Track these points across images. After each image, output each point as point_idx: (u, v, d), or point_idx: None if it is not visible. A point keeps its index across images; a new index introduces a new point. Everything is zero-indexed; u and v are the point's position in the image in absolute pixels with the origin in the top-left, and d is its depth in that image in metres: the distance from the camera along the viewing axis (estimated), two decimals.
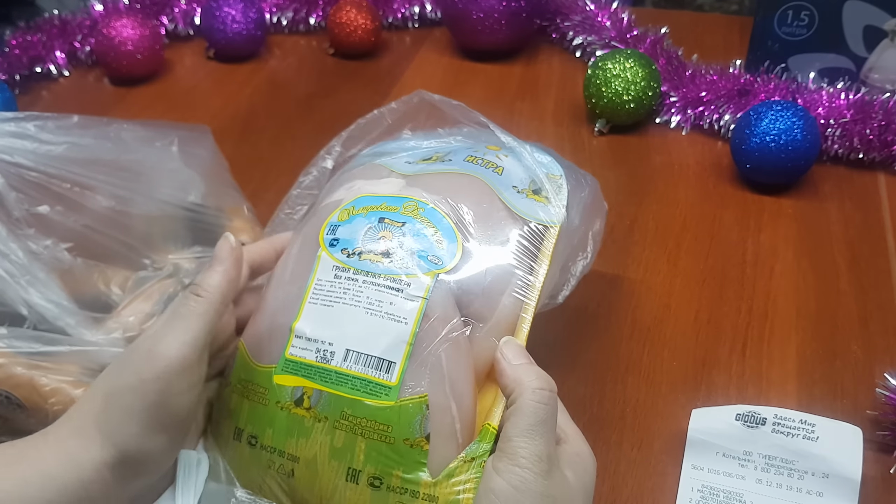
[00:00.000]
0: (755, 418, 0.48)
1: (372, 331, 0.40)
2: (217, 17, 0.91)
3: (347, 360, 0.40)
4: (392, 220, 0.43)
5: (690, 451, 0.50)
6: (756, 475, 0.48)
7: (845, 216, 0.69)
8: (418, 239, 0.43)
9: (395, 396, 0.39)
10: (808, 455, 0.47)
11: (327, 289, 0.42)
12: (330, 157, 0.54)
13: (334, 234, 0.44)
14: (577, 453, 0.40)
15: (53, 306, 0.50)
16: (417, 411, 0.38)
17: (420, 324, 0.40)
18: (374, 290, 0.41)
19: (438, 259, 0.42)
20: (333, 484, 0.39)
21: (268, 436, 0.40)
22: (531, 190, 0.47)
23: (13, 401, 0.47)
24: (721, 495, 0.48)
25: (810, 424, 0.48)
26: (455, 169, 0.47)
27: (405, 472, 0.38)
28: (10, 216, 0.52)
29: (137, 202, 0.57)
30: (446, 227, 0.43)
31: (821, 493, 0.47)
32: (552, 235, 0.45)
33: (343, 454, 0.39)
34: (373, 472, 0.38)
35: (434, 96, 0.54)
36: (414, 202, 0.44)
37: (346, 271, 0.42)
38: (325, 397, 0.39)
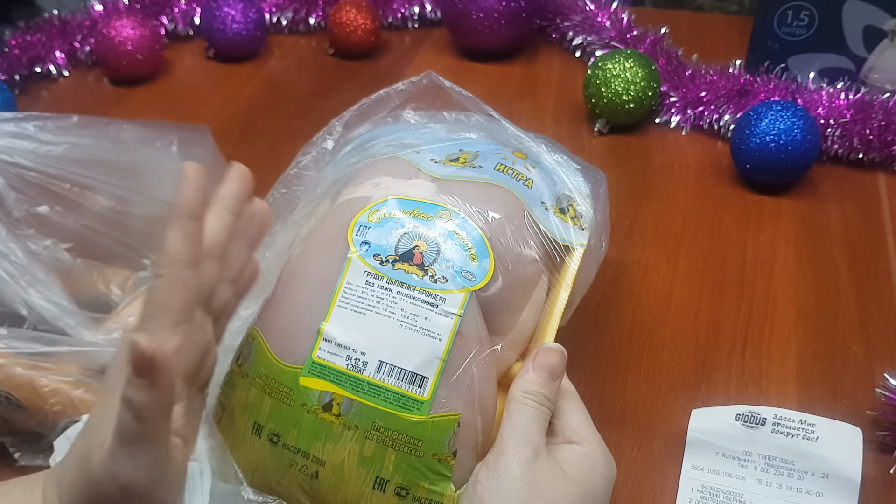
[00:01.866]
0: (755, 418, 0.48)
1: (406, 345, 0.40)
2: (217, 18, 0.91)
3: (381, 371, 0.40)
4: (426, 230, 0.43)
5: (690, 452, 0.50)
6: (756, 475, 0.48)
7: (845, 216, 0.69)
8: (453, 252, 0.43)
9: (426, 412, 0.40)
10: (808, 455, 0.47)
11: (358, 294, 0.42)
12: (330, 138, 0.54)
13: (364, 237, 0.43)
14: (585, 454, 0.40)
15: (53, 307, 0.50)
16: (449, 428, 0.40)
17: (454, 341, 0.41)
18: (408, 302, 0.41)
19: (472, 275, 0.42)
20: (360, 490, 0.39)
21: (292, 436, 0.41)
22: (558, 208, 0.48)
23: (13, 401, 0.47)
24: (721, 495, 0.48)
25: (810, 425, 0.48)
26: (486, 178, 0.47)
27: (431, 485, 0.39)
28: (9, 216, 0.52)
29: (137, 202, 0.57)
30: (479, 241, 0.43)
31: (820, 493, 0.47)
32: (577, 257, 0.47)
33: (372, 463, 0.39)
34: (400, 482, 0.39)
35: (444, 81, 0.53)
36: (448, 212, 0.44)
37: (380, 279, 0.42)
38: (357, 406, 0.40)
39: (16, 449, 0.49)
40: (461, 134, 0.53)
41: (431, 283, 0.42)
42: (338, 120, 0.54)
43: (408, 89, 0.54)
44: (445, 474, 0.39)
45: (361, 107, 0.54)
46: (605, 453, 0.41)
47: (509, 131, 0.51)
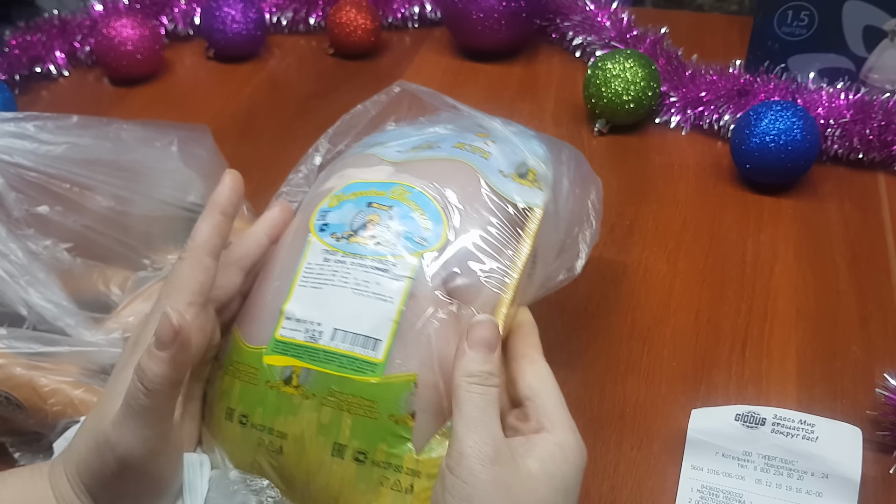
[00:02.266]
0: (755, 418, 0.48)
1: (359, 310, 0.41)
2: (217, 18, 0.91)
3: (335, 338, 0.40)
4: (380, 204, 0.44)
5: (690, 452, 0.50)
6: (755, 475, 0.48)
7: (845, 216, 0.69)
8: (405, 221, 0.43)
9: (381, 373, 0.39)
10: (808, 455, 0.47)
11: (317, 272, 0.43)
12: (318, 154, 0.55)
13: (324, 220, 0.45)
14: (558, 443, 0.39)
15: (53, 307, 0.50)
16: (404, 388, 0.39)
17: (406, 302, 0.41)
18: (361, 271, 0.42)
19: (424, 240, 0.43)
20: (319, 459, 0.39)
21: (258, 414, 0.41)
22: (517, 174, 0.48)
23: (13, 401, 0.47)
24: (721, 495, 0.48)
25: (810, 425, 0.48)
26: (443, 155, 0.48)
27: (390, 447, 0.38)
28: (9, 216, 0.52)
29: (137, 202, 0.57)
30: (433, 209, 0.44)
31: (820, 493, 0.47)
32: (536, 217, 0.46)
33: (329, 430, 0.39)
34: (358, 447, 0.39)
35: (412, 85, 0.54)
36: (401, 186, 0.45)
37: (335, 254, 0.43)
38: (313, 375, 0.40)
39: (16, 449, 0.49)
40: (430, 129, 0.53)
41: (383, 251, 0.42)
42: (324, 137, 0.55)
43: (382, 100, 0.55)
44: (404, 436, 0.38)
45: (343, 122, 0.56)
46: (578, 440, 0.40)
47: (465, 113, 0.52)
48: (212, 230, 0.43)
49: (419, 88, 0.54)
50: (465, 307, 0.42)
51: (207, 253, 0.42)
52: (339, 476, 0.39)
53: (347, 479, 0.38)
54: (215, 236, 0.43)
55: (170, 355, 0.36)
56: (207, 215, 0.43)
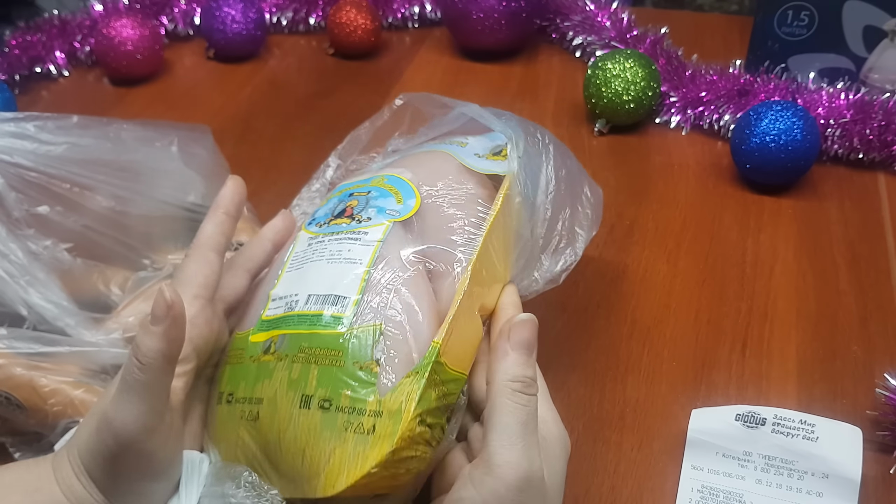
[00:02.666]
0: (755, 418, 0.48)
1: (332, 276, 0.43)
2: (217, 18, 0.91)
3: (308, 302, 0.42)
4: (359, 192, 0.47)
5: (690, 452, 0.50)
6: (756, 475, 0.48)
7: (845, 216, 0.69)
8: (380, 200, 0.46)
9: (347, 325, 0.40)
10: (808, 455, 0.47)
11: (301, 257, 0.45)
12: (330, 169, 0.57)
13: (313, 217, 0.48)
14: (545, 437, 0.39)
15: (53, 307, 0.50)
16: (369, 337, 0.40)
17: (374, 262, 0.42)
18: (335, 243, 0.44)
19: (396, 211, 0.45)
20: (289, 413, 0.39)
21: (241, 388, 0.42)
22: (491, 153, 0.50)
23: (13, 401, 0.47)
24: (721, 495, 0.48)
25: (810, 425, 0.48)
26: (423, 149, 0.52)
27: (354, 392, 0.39)
28: (9, 216, 0.52)
29: (137, 202, 0.57)
30: (406, 187, 0.46)
31: (820, 493, 0.47)
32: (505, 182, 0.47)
33: (298, 384, 0.40)
34: (323, 395, 0.39)
35: (414, 95, 0.56)
36: (381, 176, 0.48)
37: (316, 238, 0.46)
38: (287, 338, 0.41)
39: (16, 449, 0.49)
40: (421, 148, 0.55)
41: (357, 224, 0.45)
42: (334, 153, 0.58)
43: (386, 114, 0.57)
44: (369, 381, 0.39)
45: (351, 138, 0.58)
46: (561, 431, 0.40)
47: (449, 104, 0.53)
48: (215, 228, 0.46)
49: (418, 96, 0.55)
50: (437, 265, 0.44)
51: (211, 249, 0.45)
52: (306, 426, 0.39)
53: (313, 428, 0.38)
54: (219, 234, 0.46)
55: (163, 330, 0.37)
56: (211, 215, 0.46)
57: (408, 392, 0.38)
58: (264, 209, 0.61)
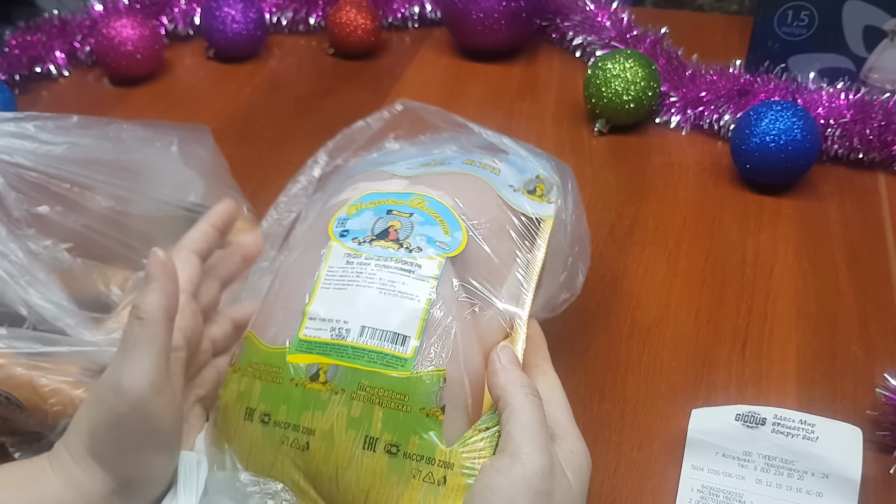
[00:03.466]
0: (755, 418, 0.48)
1: (386, 308, 0.42)
2: (217, 17, 0.91)
3: (363, 335, 0.41)
4: (400, 212, 0.46)
5: (690, 452, 0.50)
6: (756, 475, 0.48)
7: (845, 216, 0.69)
8: (426, 227, 0.45)
9: (411, 367, 0.40)
10: (808, 455, 0.47)
11: (339, 274, 0.43)
12: (318, 166, 0.56)
13: (344, 227, 0.46)
14: (572, 450, 0.40)
15: (53, 307, 0.50)
16: (435, 383, 0.40)
17: (432, 302, 0.42)
18: (386, 272, 0.43)
19: (446, 245, 0.44)
20: (350, 453, 0.39)
21: (282, 412, 0.41)
22: (525, 189, 0.50)
23: (13, 401, 0.47)
24: (721, 495, 0.48)
25: (810, 424, 0.48)
26: (455, 169, 0.50)
27: (422, 440, 0.39)
28: (9, 216, 0.52)
29: (137, 202, 0.57)
30: (451, 216, 0.45)
31: (820, 493, 0.47)
32: (547, 227, 0.48)
33: (360, 423, 0.39)
34: (390, 439, 0.39)
35: (415, 104, 0.55)
36: (419, 196, 0.47)
37: (358, 257, 0.44)
38: (342, 371, 0.40)
39: (16, 449, 0.49)
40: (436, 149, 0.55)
41: (407, 253, 0.44)
42: (323, 149, 0.57)
43: (384, 117, 0.56)
44: (435, 429, 0.39)
45: (343, 136, 0.57)
46: (585, 448, 0.41)
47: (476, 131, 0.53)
48: (199, 235, 0.48)
49: (424, 107, 0.55)
50: (485, 311, 0.44)
51: (192, 251, 0.47)
52: (371, 469, 0.39)
53: (379, 471, 0.39)
54: (201, 241, 0.48)
55: (160, 285, 0.39)
56: (198, 225, 0.48)
57: (479, 449, 0.39)
58: (264, 209, 0.61)
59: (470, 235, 0.45)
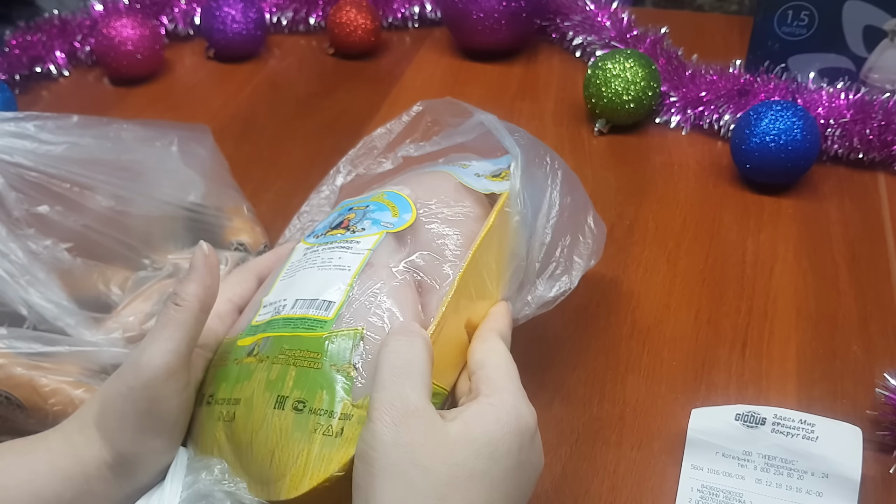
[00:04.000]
0: (755, 418, 0.48)
1: (320, 281, 0.43)
2: (217, 17, 0.91)
3: (294, 306, 0.42)
4: (358, 206, 0.48)
5: (690, 451, 0.50)
6: (756, 475, 0.48)
7: (845, 216, 0.69)
8: (376, 213, 0.46)
9: (329, 328, 0.40)
10: (808, 455, 0.47)
11: (295, 266, 0.46)
12: (340, 175, 0.57)
13: (313, 230, 0.49)
14: (491, 404, 0.37)
15: (53, 306, 0.50)
16: (350, 340, 0.40)
17: (363, 269, 0.42)
18: (328, 251, 0.45)
19: (390, 224, 0.45)
20: (263, 414, 0.39)
21: (221, 389, 0.42)
22: (491, 175, 0.51)
23: (13, 401, 0.47)
24: (721, 495, 0.48)
25: (810, 424, 0.48)
26: (427, 170, 0.52)
27: (328, 394, 0.38)
28: (9, 216, 0.52)
29: (137, 202, 0.57)
30: (404, 202, 0.47)
31: (820, 493, 0.47)
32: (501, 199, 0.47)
33: (275, 385, 0.40)
34: (298, 396, 0.39)
35: (433, 101, 0.55)
36: (381, 192, 0.49)
37: (312, 248, 0.46)
38: (270, 341, 0.42)
39: None
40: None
41: (350, 234, 0.45)
42: (345, 159, 0.57)
43: (404, 120, 0.56)
44: (344, 384, 0.38)
45: (364, 144, 0.57)
46: (516, 404, 0.37)
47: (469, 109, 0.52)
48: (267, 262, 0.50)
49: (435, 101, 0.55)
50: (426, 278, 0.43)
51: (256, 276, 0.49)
52: (278, 427, 0.38)
53: (285, 429, 0.38)
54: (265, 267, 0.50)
55: (200, 276, 0.41)
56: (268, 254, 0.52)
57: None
58: (264, 209, 0.61)
59: (420, 217, 0.46)
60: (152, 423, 0.39)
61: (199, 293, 0.40)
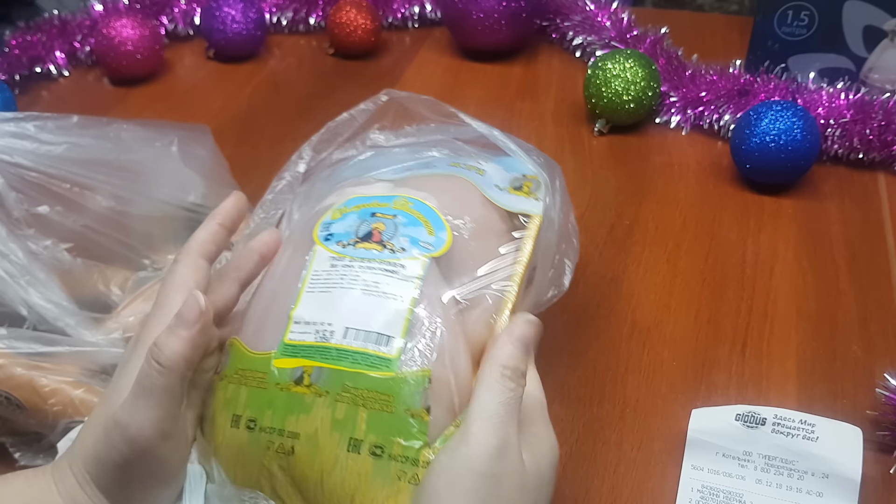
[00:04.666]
0: (755, 418, 0.48)
1: (370, 309, 0.41)
2: (217, 17, 0.91)
3: (347, 337, 0.41)
4: (384, 214, 0.46)
5: (690, 452, 0.50)
6: (756, 475, 0.48)
7: (845, 216, 0.69)
8: (410, 228, 0.45)
9: (395, 368, 0.39)
10: (808, 455, 0.47)
11: (324, 278, 0.43)
12: (302, 162, 0.55)
13: (328, 231, 0.46)
14: (535, 434, 0.39)
15: (53, 307, 0.50)
16: (420, 383, 0.39)
17: (416, 302, 0.41)
18: (370, 273, 0.43)
19: (430, 245, 0.44)
20: (335, 456, 0.39)
21: (267, 417, 0.40)
22: (512, 187, 0.50)
23: (13, 401, 0.47)
24: (721, 495, 0.48)
25: (810, 425, 0.48)
26: (440, 172, 0.50)
27: (406, 441, 0.38)
28: (9, 216, 0.52)
29: (137, 202, 0.57)
30: (435, 217, 0.45)
31: (820, 493, 0.47)
32: (534, 224, 0.48)
33: (344, 425, 0.39)
34: (374, 441, 0.38)
35: (401, 93, 0.54)
36: (403, 198, 0.47)
37: (342, 260, 0.44)
38: (326, 373, 0.40)
39: (16, 449, 0.49)
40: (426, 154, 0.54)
41: (391, 254, 0.43)
42: (307, 144, 0.55)
43: (369, 108, 0.55)
44: (420, 430, 0.38)
45: (327, 130, 0.56)
46: (552, 436, 0.39)
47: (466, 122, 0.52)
48: (207, 237, 0.44)
49: (411, 96, 0.54)
50: (471, 309, 0.43)
51: (201, 255, 0.44)
52: (356, 472, 0.38)
53: (364, 474, 0.38)
54: (210, 243, 0.44)
55: (191, 335, 0.37)
56: (206, 223, 0.45)
57: None
58: None
59: (455, 235, 0.45)
60: (158, 481, 0.39)
61: (187, 354, 0.37)
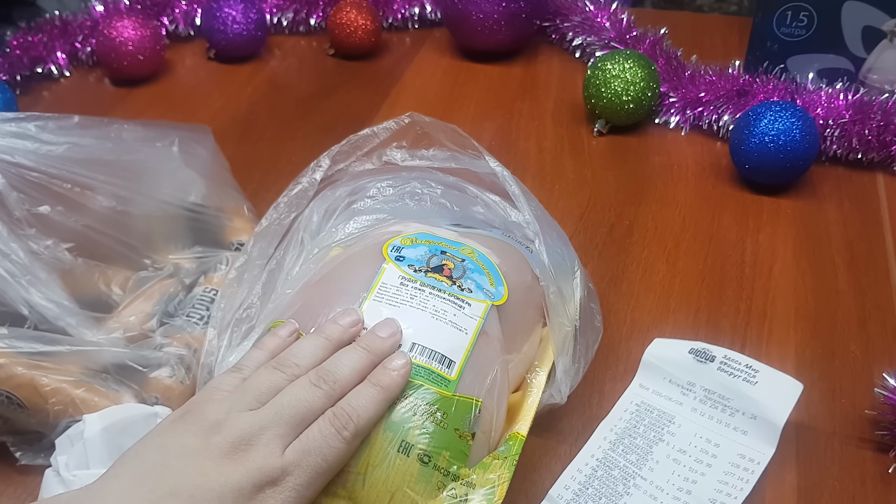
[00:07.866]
0: (706, 355, 0.52)
1: (437, 332, 0.44)
2: (218, 18, 0.91)
3: (413, 350, 0.44)
4: (453, 255, 0.49)
5: (642, 372, 0.53)
6: (693, 404, 0.51)
7: (844, 216, 0.69)
8: (475, 274, 0.48)
9: (453, 389, 0.43)
10: (744, 396, 0.50)
11: (392, 292, 0.46)
12: (320, 170, 0.56)
13: (399, 253, 0.49)
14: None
15: (54, 306, 0.50)
16: (471, 409, 0.43)
17: (478, 336, 0.45)
18: (439, 300, 0.46)
19: (492, 294, 0.47)
20: (385, 452, 0.41)
21: None
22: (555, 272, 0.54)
23: (14, 401, 0.47)
24: (654, 413, 0.51)
25: (754, 370, 0.50)
26: (497, 235, 0.54)
27: (451, 457, 0.41)
28: (11, 216, 0.52)
29: (138, 202, 0.57)
30: (495, 272, 0.49)
31: (745, 431, 0.49)
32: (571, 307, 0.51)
33: (398, 428, 0.41)
34: (424, 448, 0.41)
35: (425, 118, 0.56)
36: (470, 248, 0.50)
37: (413, 282, 0.47)
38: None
39: (17, 448, 0.49)
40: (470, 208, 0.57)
41: (459, 290, 0.47)
42: (326, 154, 0.56)
43: (391, 127, 0.57)
44: (465, 451, 0.42)
45: (348, 142, 0.57)
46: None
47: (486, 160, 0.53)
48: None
49: (434, 122, 0.55)
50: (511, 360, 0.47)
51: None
52: (401, 471, 0.40)
53: (408, 476, 0.40)
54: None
55: None
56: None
57: (499, 475, 0.42)
58: (264, 209, 0.60)
59: (510, 294, 0.48)
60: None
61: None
